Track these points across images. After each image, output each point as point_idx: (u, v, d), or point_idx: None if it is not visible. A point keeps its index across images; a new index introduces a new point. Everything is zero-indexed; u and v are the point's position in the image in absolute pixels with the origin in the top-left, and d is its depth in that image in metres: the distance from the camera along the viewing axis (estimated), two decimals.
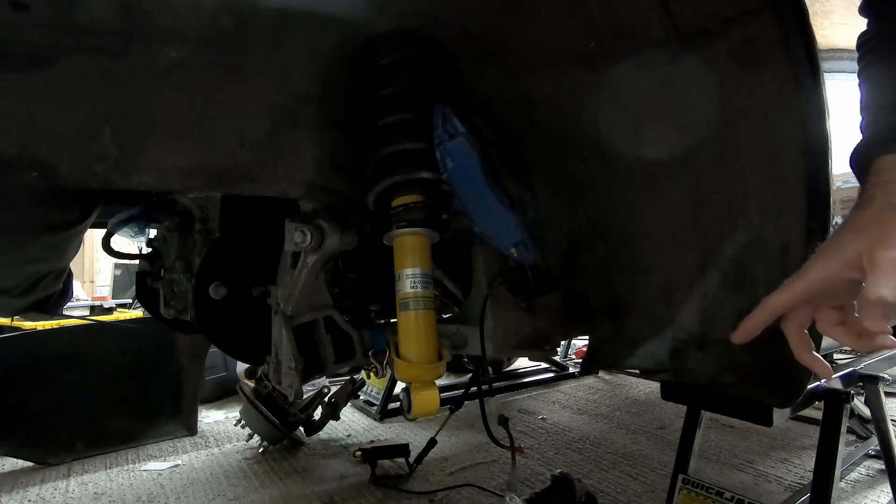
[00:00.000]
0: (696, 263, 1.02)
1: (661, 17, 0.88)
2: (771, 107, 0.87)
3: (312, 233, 1.10)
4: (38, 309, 1.56)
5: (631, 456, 2.35)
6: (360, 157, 1.10)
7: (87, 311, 5.10)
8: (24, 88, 0.79)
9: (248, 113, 0.97)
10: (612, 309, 1.18)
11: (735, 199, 0.94)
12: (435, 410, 1.05)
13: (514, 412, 3.00)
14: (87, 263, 5.70)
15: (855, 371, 1.53)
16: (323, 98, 1.05)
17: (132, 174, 0.88)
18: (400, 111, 1.05)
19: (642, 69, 0.96)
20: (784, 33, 0.81)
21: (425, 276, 1.04)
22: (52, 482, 2.19)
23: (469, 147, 1.03)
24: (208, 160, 0.95)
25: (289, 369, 1.17)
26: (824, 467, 1.32)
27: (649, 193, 1.06)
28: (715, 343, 1.01)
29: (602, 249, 1.17)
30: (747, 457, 2.31)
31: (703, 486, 1.44)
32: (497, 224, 1.09)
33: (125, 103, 0.86)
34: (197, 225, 1.56)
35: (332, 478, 2.18)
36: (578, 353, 4.06)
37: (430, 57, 1.08)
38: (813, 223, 0.86)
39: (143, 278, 1.81)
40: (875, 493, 1.97)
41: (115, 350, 2.53)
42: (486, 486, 2.04)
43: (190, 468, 2.31)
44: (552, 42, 1.02)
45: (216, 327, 1.35)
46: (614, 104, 1.02)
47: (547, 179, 1.20)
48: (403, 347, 1.05)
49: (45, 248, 1.29)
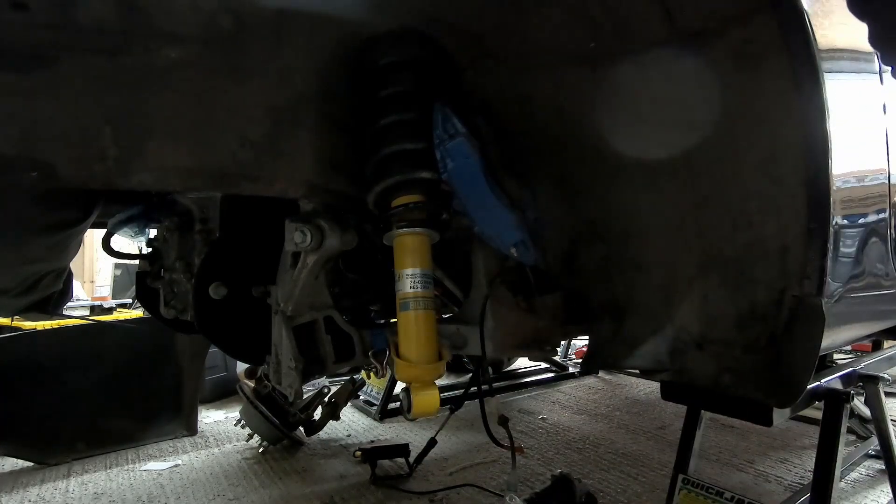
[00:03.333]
0: (696, 263, 1.02)
1: (661, 17, 0.88)
2: (771, 107, 0.87)
3: (312, 233, 1.10)
4: (38, 309, 1.56)
5: (631, 456, 2.35)
6: (360, 157, 1.10)
7: (87, 311, 5.09)
8: (24, 88, 0.79)
9: (248, 113, 0.96)
10: (612, 309, 1.18)
11: (735, 199, 0.94)
12: (435, 410, 1.05)
13: (514, 412, 3.00)
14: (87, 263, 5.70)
15: (855, 371, 1.53)
16: (323, 98, 1.05)
17: (132, 174, 0.88)
18: (400, 111, 1.05)
19: (642, 69, 0.96)
20: (784, 33, 0.81)
21: (425, 276, 1.04)
22: (52, 482, 2.19)
23: (469, 147, 1.03)
24: (208, 160, 0.95)
25: (289, 369, 1.17)
26: (824, 467, 1.32)
27: (649, 193, 1.06)
28: (715, 343, 1.01)
29: (602, 249, 1.17)
30: (747, 457, 2.31)
31: (703, 486, 1.44)
32: (497, 224, 1.09)
33: (125, 103, 0.86)
34: (197, 225, 1.56)
35: (332, 478, 2.18)
36: (578, 353, 4.07)
37: (429, 57, 1.08)
38: (813, 223, 0.86)
39: (143, 278, 1.81)
40: (875, 493, 1.97)
41: (115, 350, 2.53)
42: (486, 486, 2.04)
43: (190, 468, 2.31)
44: (552, 42, 1.02)
45: (216, 327, 1.35)
46: (614, 104, 1.02)
47: (547, 179, 1.20)
48: (403, 347, 1.05)
49: (44, 249, 1.29)
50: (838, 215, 0.97)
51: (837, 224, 0.97)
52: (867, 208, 1.21)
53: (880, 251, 1.28)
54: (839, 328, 1.25)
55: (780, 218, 0.89)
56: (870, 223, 1.21)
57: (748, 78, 0.87)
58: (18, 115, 0.79)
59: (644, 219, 1.08)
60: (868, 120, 1.22)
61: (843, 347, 2.15)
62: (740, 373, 0.98)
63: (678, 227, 1.03)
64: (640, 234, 1.10)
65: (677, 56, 0.91)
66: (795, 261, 0.89)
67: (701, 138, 0.95)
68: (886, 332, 1.74)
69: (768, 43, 0.83)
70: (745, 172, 0.91)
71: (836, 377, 1.44)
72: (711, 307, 1.01)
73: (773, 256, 0.91)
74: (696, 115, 0.94)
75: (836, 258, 0.97)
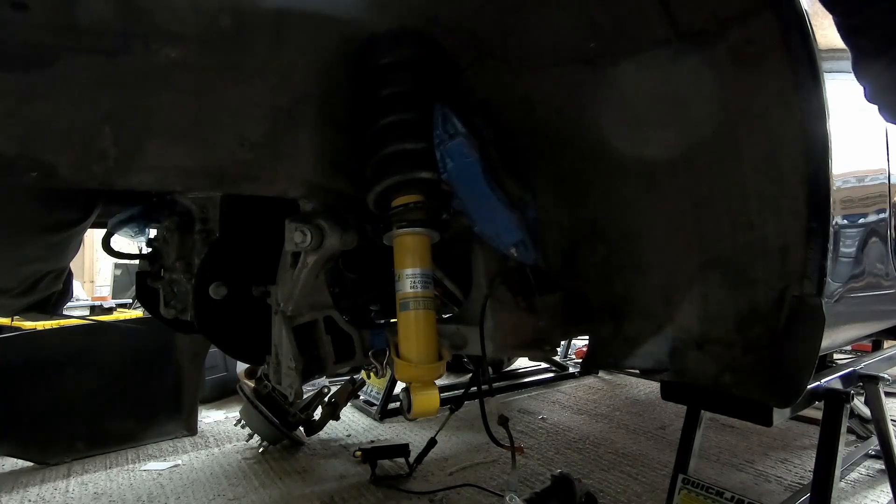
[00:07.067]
0: (696, 263, 1.02)
1: (661, 17, 0.88)
2: (771, 107, 0.87)
3: (312, 233, 1.10)
4: (38, 309, 1.56)
5: (631, 456, 2.35)
6: (360, 157, 1.10)
7: (87, 311, 5.09)
8: (24, 88, 0.79)
9: (247, 113, 0.96)
10: (612, 309, 1.17)
11: (735, 199, 0.94)
12: (435, 410, 1.05)
13: (514, 412, 3.00)
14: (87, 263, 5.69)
15: (855, 371, 1.53)
16: (323, 98, 1.04)
17: (132, 174, 0.88)
18: (400, 111, 1.05)
19: (642, 69, 0.96)
20: (784, 33, 0.81)
21: (425, 276, 1.04)
22: (52, 482, 2.19)
23: (469, 147, 1.03)
24: (208, 160, 0.95)
25: (289, 369, 1.17)
26: (824, 467, 1.32)
27: (649, 193, 1.06)
28: (715, 343, 1.01)
29: (602, 249, 1.16)
30: (747, 457, 2.31)
31: (703, 486, 1.44)
32: (497, 224, 1.09)
33: (125, 103, 0.86)
34: (197, 225, 1.56)
35: (332, 478, 2.18)
36: (578, 353, 4.07)
37: (430, 57, 1.08)
38: (813, 223, 0.86)
39: (143, 278, 1.81)
40: (875, 493, 1.97)
41: (115, 350, 2.53)
42: (486, 486, 2.04)
43: (190, 468, 2.31)
44: (552, 42, 1.02)
45: (216, 327, 1.35)
46: (614, 104, 1.02)
47: (547, 179, 1.20)
48: (403, 347, 1.05)
49: (44, 248, 1.29)
50: (838, 215, 0.97)
51: (837, 224, 0.97)
52: (867, 208, 1.21)
53: (880, 251, 1.28)
54: (839, 328, 1.25)
55: (780, 218, 0.89)
56: (870, 223, 1.21)
57: (748, 78, 0.87)
58: (18, 115, 0.79)
59: (644, 219, 1.08)
60: (868, 120, 1.22)
61: (843, 347, 2.15)
62: (740, 373, 0.98)
63: (678, 227, 1.03)
64: (640, 234, 1.10)
65: (677, 56, 0.91)
66: (795, 261, 0.89)
67: (701, 138, 0.95)
68: (886, 332, 1.74)
69: (768, 43, 0.83)
70: (745, 172, 0.91)
71: (836, 377, 1.44)
72: (711, 307, 1.01)
73: (773, 256, 0.91)
74: (696, 115, 0.94)
75: (836, 258, 0.97)
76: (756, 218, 0.92)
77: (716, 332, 1.01)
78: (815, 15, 0.82)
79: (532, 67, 1.07)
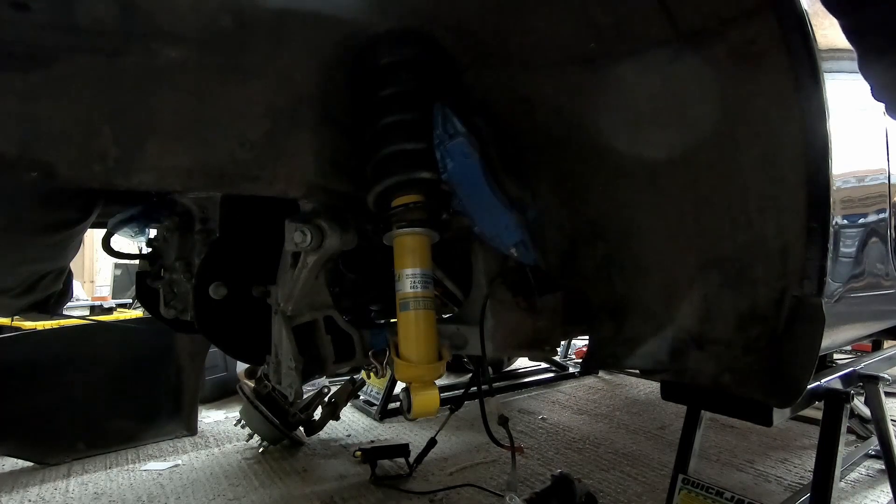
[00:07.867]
0: (696, 263, 1.02)
1: (661, 17, 0.88)
2: (771, 107, 0.87)
3: (312, 233, 1.10)
4: (38, 309, 1.56)
5: (631, 456, 2.35)
6: (360, 157, 1.10)
7: (87, 311, 5.09)
8: (24, 88, 0.79)
9: (248, 113, 0.96)
10: (613, 309, 1.18)
11: (735, 198, 0.94)
12: (435, 410, 1.05)
13: (514, 412, 3.00)
14: (87, 263, 5.69)
15: (855, 371, 1.53)
16: (323, 98, 1.05)
17: (132, 174, 0.88)
18: (400, 111, 1.05)
19: (642, 69, 0.96)
20: (784, 33, 0.81)
21: (425, 276, 1.04)
22: (52, 482, 2.19)
23: (469, 147, 1.03)
24: (208, 160, 0.95)
25: (289, 369, 1.17)
26: (824, 467, 1.33)
27: (649, 193, 1.06)
28: (715, 343, 1.01)
29: (602, 249, 1.17)
30: (747, 457, 2.31)
31: (703, 486, 1.44)
32: (497, 224, 1.09)
33: (125, 103, 0.86)
34: (197, 225, 1.56)
35: (332, 478, 2.18)
36: (578, 353, 4.06)
37: (430, 57, 1.08)
38: (813, 223, 0.86)
39: (143, 278, 1.81)
40: (875, 493, 1.97)
41: (116, 350, 2.53)
42: (486, 486, 2.04)
43: (190, 468, 2.31)
44: (552, 42, 1.02)
45: (216, 327, 1.35)
46: (614, 104, 1.02)
47: (547, 179, 1.20)
48: (403, 347, 1.05)
49: (44, 248, 1.29)
50: (838, 215, 0.97)
51: (837, 224, 0.97)
52: (867, 208, 1.21)
53: (880, 251, 1.28)
54: (839, 328, 1.25)
55: (780, 218, 0.89)
56: (870, 223, 1.21)
57: (748, 78, 0.87)
58: (18, 115, 0.79)
59: (644, 219, 1.08)
60: (868, 120, 1.22)
61: (843, 347, 2.15)
62: (740, 373, 0.98)
63: (678, 227, 1.03)
64: (641, 234, 1.10)
65: (677, 56, 0.91)
66: (795, 261, 0.89)
67: (701, 138, 0.95)
68: (886, 332, 1.74)
69: (768, 43, 0.83)
70: (745, 172, 0.91)
71: (836, 377, 1.44)
72: (711, 307, 1.01)
73: (773, 256, 0.91)
74: (696, 115, 0.94)
75: (836, 258, 0.97)
76: (756, 218, 0.92)
77: (716, 332, 1.01)
78: (815, 15, 0.82)
79: (532, 68, 1.07)
